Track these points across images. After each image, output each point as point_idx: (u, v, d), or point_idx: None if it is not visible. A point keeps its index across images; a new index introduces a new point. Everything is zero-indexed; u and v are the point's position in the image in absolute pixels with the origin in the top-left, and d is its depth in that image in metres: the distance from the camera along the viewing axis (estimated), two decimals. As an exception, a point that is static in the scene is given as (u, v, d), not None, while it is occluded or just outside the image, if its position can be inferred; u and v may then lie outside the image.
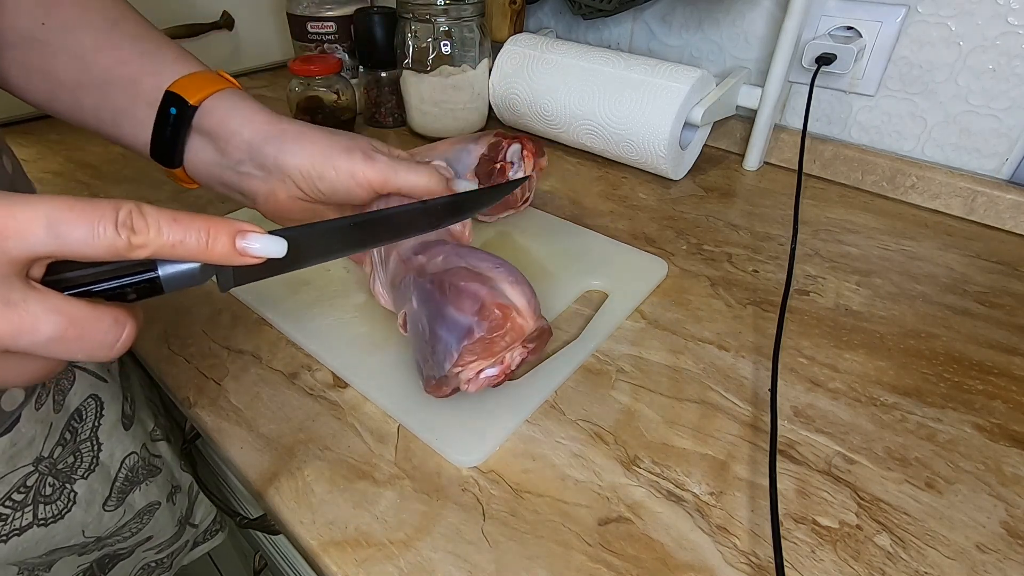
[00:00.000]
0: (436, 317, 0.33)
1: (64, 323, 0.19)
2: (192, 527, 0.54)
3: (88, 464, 0.43)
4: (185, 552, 0.55)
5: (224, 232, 0.21)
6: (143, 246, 0.19)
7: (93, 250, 0.19)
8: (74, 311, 0.19)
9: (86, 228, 0.18)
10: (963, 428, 0.36)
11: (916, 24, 0.56)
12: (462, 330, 0.32)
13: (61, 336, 0.19)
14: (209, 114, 0.35)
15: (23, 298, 0.18)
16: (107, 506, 0.44)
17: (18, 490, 0.37)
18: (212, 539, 0.57)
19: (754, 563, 0.29)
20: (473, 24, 0.68)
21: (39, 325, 0.18)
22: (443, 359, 0.33)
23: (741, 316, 0.45)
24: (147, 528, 0.48)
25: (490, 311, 0.32)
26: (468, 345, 0.32)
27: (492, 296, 0.32)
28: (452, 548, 0.30)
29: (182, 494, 0.52)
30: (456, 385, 0.34)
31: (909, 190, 0.60)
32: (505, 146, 0.50)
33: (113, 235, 0.19)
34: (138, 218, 0.19)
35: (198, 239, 0.20)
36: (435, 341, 0.33)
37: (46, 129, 0.77)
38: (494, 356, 0.34)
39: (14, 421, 0.36)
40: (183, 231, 0.20)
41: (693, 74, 0.58)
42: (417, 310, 0.35)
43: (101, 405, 0.44)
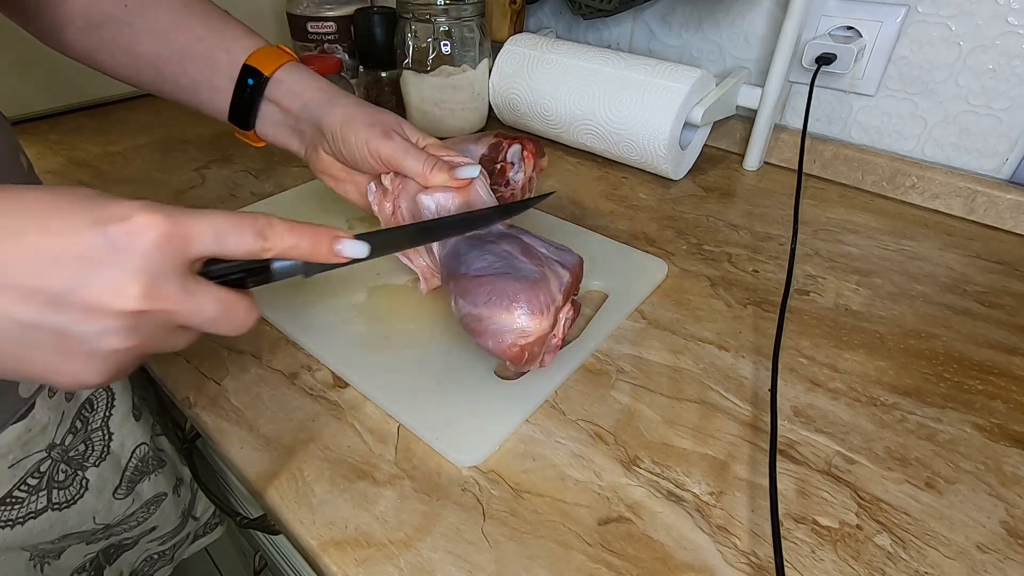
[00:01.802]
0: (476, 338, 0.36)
1: (221, 307, 0.24)
2: (194, 519, 0.55)
3: (100, 452, 0.44)
4: (186, 545, 0.56)
5: (324, 238, 0.27)
6: (270, 249, 0.25)
7: (239, 252, 0.24)
8: (226, 298, 0.24)
9: (238, 236, 0.24)
10: (963, 428, 0.36)
11: (916, 24, 0.56)
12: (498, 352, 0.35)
13: (218, 316, 0.24)
14: (279, 83, 0.42)
15: (196, 288, 0.23)
16: (117, 494, 0.45)
17: (32, 475, 0.39)
18: (211, 533, 0.58)
19: (754, 563, 0.29)
20: (473, 24, 0.68)
21: (206, 308, 0.24)
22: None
23: (741, 316, 0.45)
24: (153, 518, 0.50)
25: (509, 353, 0.34)
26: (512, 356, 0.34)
27: (500, 343, 0.34)
28: (452, 548, 0.30)
29: (185, 487, 0.54)
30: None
31: (909, 190, 0.60)
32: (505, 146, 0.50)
33: (252, 241, 0.24)
34: (269, 228, 0.25)
35: (308, 244, 0.26)
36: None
37: (46, 129, 0.77)
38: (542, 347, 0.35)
39: (29, 408, 0.38)
40: (297, 238, 0.26)
41: (693, 74, 0.58)
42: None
43: (112, 395, 0.45)
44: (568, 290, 0.36)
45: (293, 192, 0.60)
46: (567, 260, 0.38)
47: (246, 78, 0.41)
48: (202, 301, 0.24)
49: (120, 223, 0.21)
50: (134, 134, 0.76)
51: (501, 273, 0.35)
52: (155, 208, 0.22)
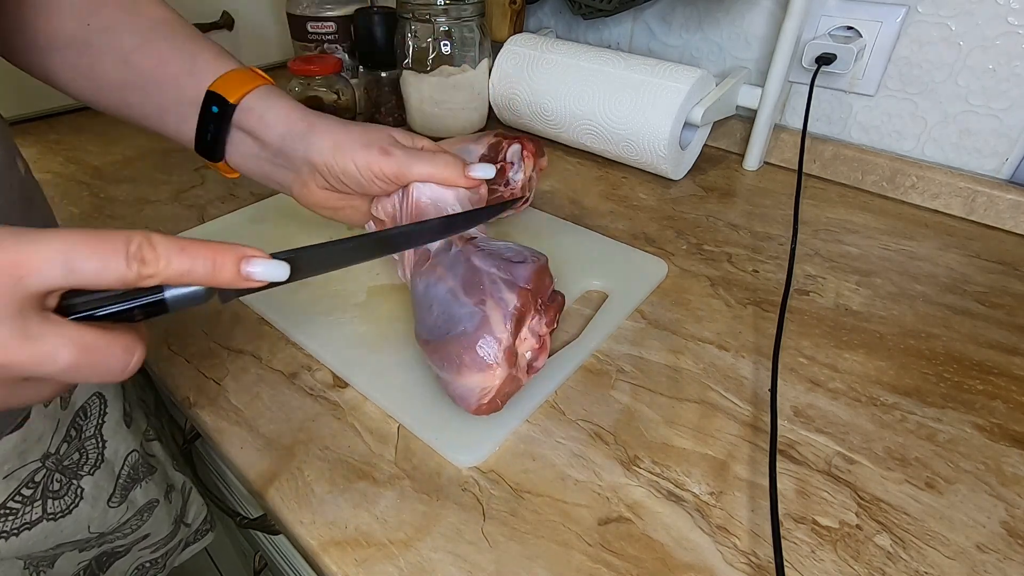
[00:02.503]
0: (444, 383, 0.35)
1: (78, 353, 0.19)
2: (186, 526, 0.55)
3: (94, 461, 0.43)
4: (177, 553, 0.55)
5: (229, 259, 0.22)
6: (152, 276, 0.20)
7: (104, 281, 0.20)
8: (88, 340, 0.20)
9: (99, 262, 0.19)
10: (963, 428, 0.36)
11: (916, 24, 0.56)
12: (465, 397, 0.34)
13: (76, 364, 0.20)
14: (248, 111, 0.38)
15: (40, 331, 0.19)
16: (111, 502, 0.45)
17: (27, 485, 0.38)
18: (203, 539, 0.58)
19: (754, 563, 0.29)
20: (473, 24, 0.68)
21: (57, 356, 0.19)
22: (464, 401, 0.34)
23: (741, 316, 0.45)
24: (146, 525, 0.49)
25: (482, 410, 0.34)
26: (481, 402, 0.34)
27: (470, 405, 0.34)
28: (452, 548, 0.30)
29: (176, 493, 0.53)
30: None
31: (909, 190, 0.60)
32: (505, 146, 0.50)
33: (124, 268, 0.19)
34: (148, 250, 0.20)
35: (204, 267, 0.21)
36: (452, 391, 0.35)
37: (46, 129, 0.77)
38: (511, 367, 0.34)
39: (25, 417, 0.37)
40: (190, 261, 0.21)
41: (693, 74, 0.58)
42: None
43: (105, 403, 0.44)
44: (519, 314, 0.33)
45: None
46: (518, 275, 0.34)
47: (210, 105, 0.37)
48: (50, 347, 0.19)
49: None
50: (134, 134, 0.75)
51: (443, 334, 0.34)
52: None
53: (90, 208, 0.59)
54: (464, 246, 0.36)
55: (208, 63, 0.38)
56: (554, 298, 0.37)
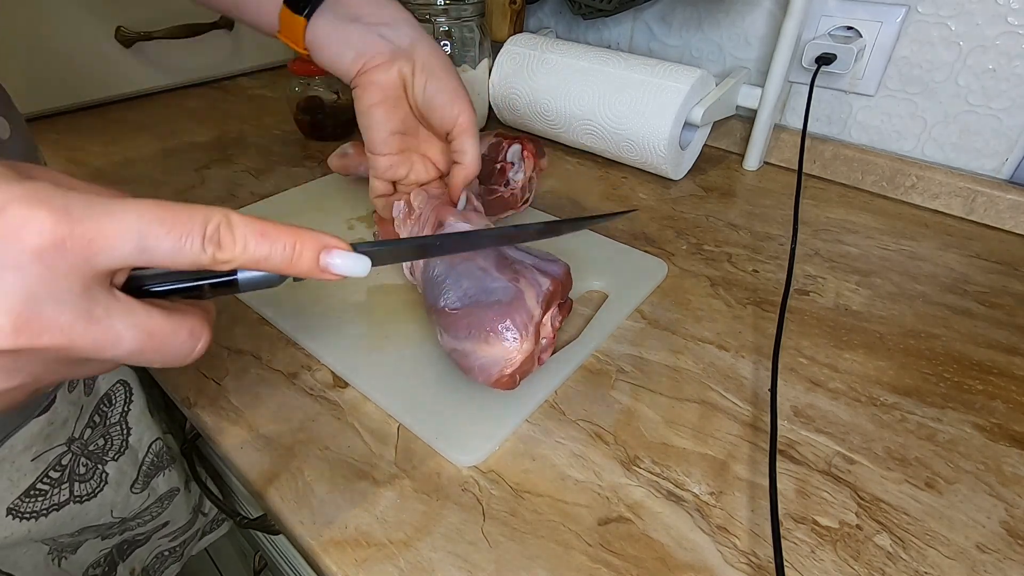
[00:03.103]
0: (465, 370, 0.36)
1: (143, 338, 0.18)
2: (203, 515, 0.56)
3: (118, 447, 0.44)
4: (195, 542, 0.56)
5: (310, 247, 0.20)
6: (227, 262, 0.19)
7: (178, 264, 0.18)
8: (154, 325, 0.18)
9: (174, 242, 0.18)
10: (963, 428, 0.36)
11: (916, 24, 0.56)
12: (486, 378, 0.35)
13: (140, 350, 0.18)
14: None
15: (106, 312, 0.17)
16: (134, 488, 0.46)
17: (54, 468, 0.40)
18: (218, 528, 0.59)
19: (754, 563, 0.29)
20: (473, 24, 0.68)
21: (121, 341, 0.18)
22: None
23: (741, 316, 0.45)
24: (166, 513, 0.50)
25: (500, 383, 0.34)
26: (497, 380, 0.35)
27: (489, 376, 0.34)
28: (452, 548, 0.30)
29: (194, 483, 0.54)
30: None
31: (909, 190, 0.60)
32: (505, 146, 0.50)
33: (199, 251, 0.18)
34: (226, 233, 0.19)
35: (283, 256, 0.20)
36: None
37: (46, 129, 0.77)
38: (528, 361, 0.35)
39: (51, 402, 0.38)
40: (269, 247, 0.20)
41: (693, 74, 0.58)
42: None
43: (130, 391, 0.46)
44: (550, 297, 0.35)
45: (293, 192, 0.60)
46: (550, 269, 0.37)
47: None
48: (115, 331, 0.17)
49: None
50: (134, 134, 0.75)
51: (475, 302, 0.34)
52: (42, 200, 0.16)
53: (90, 208, 0.59)
54: None
55: None
56: (568, 302, 0.39)
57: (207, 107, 0.85)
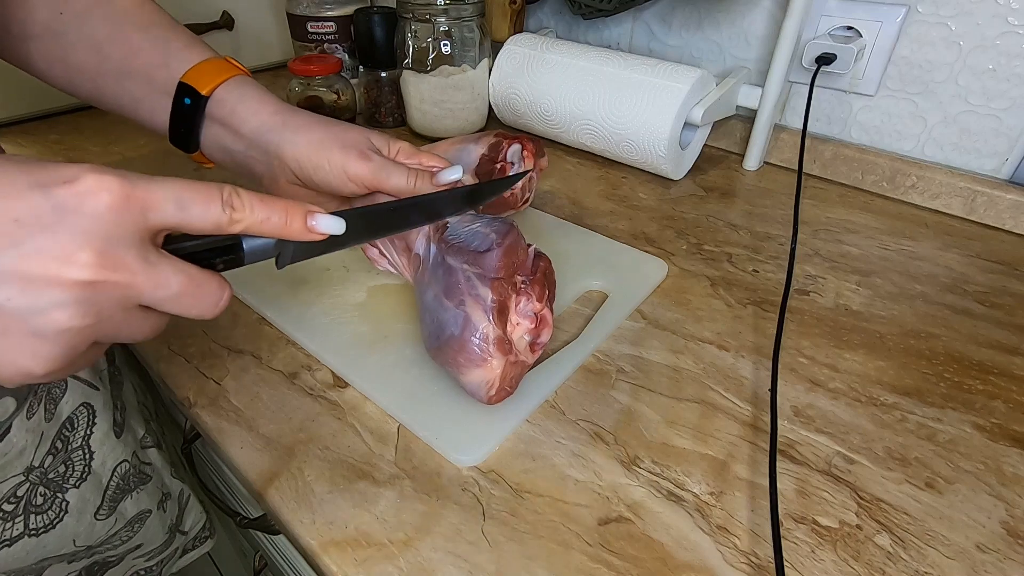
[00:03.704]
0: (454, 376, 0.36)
1: (186, 281, 0.22)
2: (182, 534, 0.54)
3: (80, 473, 0.42)
4: (174, 560, 0.54)
5: (298, 213, 0.25)
6: (239, 222, 0.23)
7: (204, 223, 0.22)
8: (193, 272, 0.22)
9: (202, 205, 0.22)
10: (963, 428, 0.36)
11: (916, 24, 0.56)
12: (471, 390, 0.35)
13: (183, 292, 0.22)
14: (221, 103, 0.37)
15: (158, 259, 0.21)
16: (99, 515, 0.44)
17: (8, 500, 0.37)
18: (201, 546, 0.57)
19: (754, 563, 0.29)
20: (473, 24, 0.68)
21: (170, 282, 0.22)
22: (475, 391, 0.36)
23: (741, 316, 0.45)
24: (137, 536, 0.48)
25: (494, 401, 0.35)
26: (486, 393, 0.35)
27: (482, 398, 0.35)
28: (452, 548, 0.30)
29: (172, 501, 0.52)
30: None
31: (909, 190, 0.60)
32: (505, 146, 0.50)
33: (219, 212, 0.22)
34: (236, 198, 0.23)
35: (279, 217, 0.24)
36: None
37: (45, 129, 0.77)
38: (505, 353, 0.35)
39: (4, 431, 0.36)
40: (268, 210, 0.24)
41: (693, 74, 0.58)
42: None
43: (93, 413, 0.43)
44: (501, 299, 0.34)
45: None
46: (488, 265, 0.34)
47: (182, 96, 0.37)
48: (166, 274, 0.21)
49: (67, 184, 0.19)
50: (134, 134, 0.75)
51: (439, 340, 0.35)
52: (107, 171, 0.20)
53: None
54: (438, 243, 0.37)
55: (180, 52, 0.38)
56: (536, 267, 0.36)
57: (207, 107, 0.85)
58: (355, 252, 0.50)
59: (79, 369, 0.23)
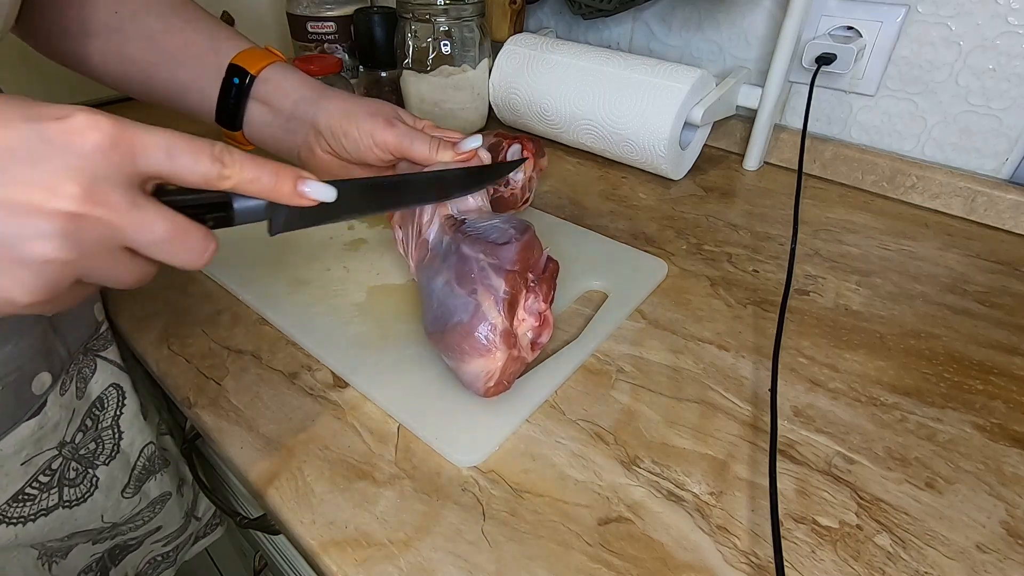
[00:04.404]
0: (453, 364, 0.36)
1: (171, 227, 0.22)
2: (196, 520, 0.56)
3: (109, 451, 0.44)
4: (188, 546, 0.56)
5: (289, 176, 0.25)
6: (228, 178, 0.24)
7: (192, 176, 0.23)
8: (179, 220, 0.23)
9: (191, 156, 0.22)
10: (963, 428, 0.36)
11: (916, 24, 0.56)
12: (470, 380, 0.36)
13: (169, 237, 0.22)
14: (265, 82, 0.41)
15: (144, 203, 0.22)
16: (125, 493, 0.46)
17: (44, 472, 0.39)
18: (212, 533, 0.58)
19: (754, 563, 0.29)
20: (473, 24, 0.68)
21: (155, 225, 0.22)
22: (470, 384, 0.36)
23: (741, 316, 0.45)
24: (158, 518, 0.50)
25: (491, 393, 0.35)
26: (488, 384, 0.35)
27: (479, 390, 0.35)
28: (452, 548, 0.30)
29: (187, 487, 0.54)
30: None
31: (909, 190, 0.60)
32: (505, 146, 0.50)
33: (209, 165, 0.23)
34: (227, 154, 0.24)
35: (269, 178, 0.25)
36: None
37: (46, 129, 0.77)
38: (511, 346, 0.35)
39: (41, 405, 0.38)
40: (259, 170, 0.24)
41: (693, 74, 0.58)
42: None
43: (123, 394, 0.45)
44: (512, 300, 0.34)
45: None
46: (505, 257, 0.34)
47: (232, 77, 0.41)
48: (151, 217, 0.22)
49: (58, 121, 0.20)
50: (134, 134, 0.75)
51: (445, 324, 0.35)
52: (99, 112, 0.21)
53: (90, 208, 0.59)
54: (454, 234, 0.37)
55: (227, 41, 0.42)
56: (546, 267, 0.37)
57: (207, 107, 0.85)
58: (356, 252, 0.50)
59: (64, 307, 0.23)
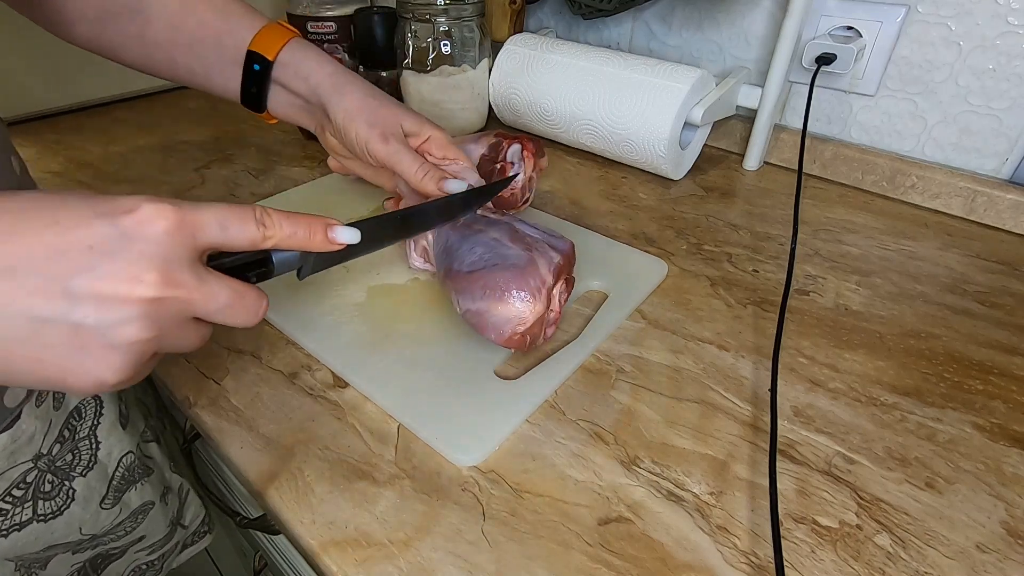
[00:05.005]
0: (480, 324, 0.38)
1: (232, 294, 0.25)
2: (182, 528, 0.54)
3: (87, 462, 0.43)
4: (175, 555, 0.55)
5: (319, 227, 0.28)
6: (271, 238, 0.26)
7: (241, 241, 0.25)
8: (236, 286, 0.25)
9: (240, 224, 0.25)
10: (963, 428, 0.36)
11: (916, 24, 0.56)
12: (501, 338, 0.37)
13: (231, 303, 0.25)
14: (284, 66, 0.43)
15: (207, 276, 0.24)
16: (104, 504, 0.44)
17: (18, 486, 0.38)
18: (200, 541, 0.57)
19: (754, 563, 0.29)
20: (473, 24, 0.68)
21: (220, 295, 0.24)
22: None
23: (741, 316, 0.45)
24: (140, 528, 0.49)
25: (512, 342, 0.36)
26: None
27: (501, 334, 0.36)
28: (452, 548, 0.30)
29: (173, 495, 0.52)
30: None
31: (909, 190, 0.60)
32: (505, 146, 0.50)
33: (255, 229, 0.26)
34: (267, 217, 0.26)
35: (304, 232, 0.28)
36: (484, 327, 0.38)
37: (45, 129, 0.77)
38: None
39: (15, 418, 0.37)
40: (294, 226, 0.27)
41: (693, 74, 0.58)
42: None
43: (101, 404, 0.44)
44: (559, 270, 0.38)
45: (292, 192, 0.60)
46: (558, 244, 0.40)
47: (251, 64, 0.43)
48: (215, 288, 0.24)
49: (129, 214, 0.22)
50: (134, 134, 0.76)
51: (491, 265, 0.37)
52: (160, 199, 0.23)
53: (90, 208, 0.59)
54: (503, 216, 0.42)
55: (241, 19, 0.43)
56: (571, 279, 0.41)
57: (207, 107, 0.85)
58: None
59: (141, 378, 0.25)
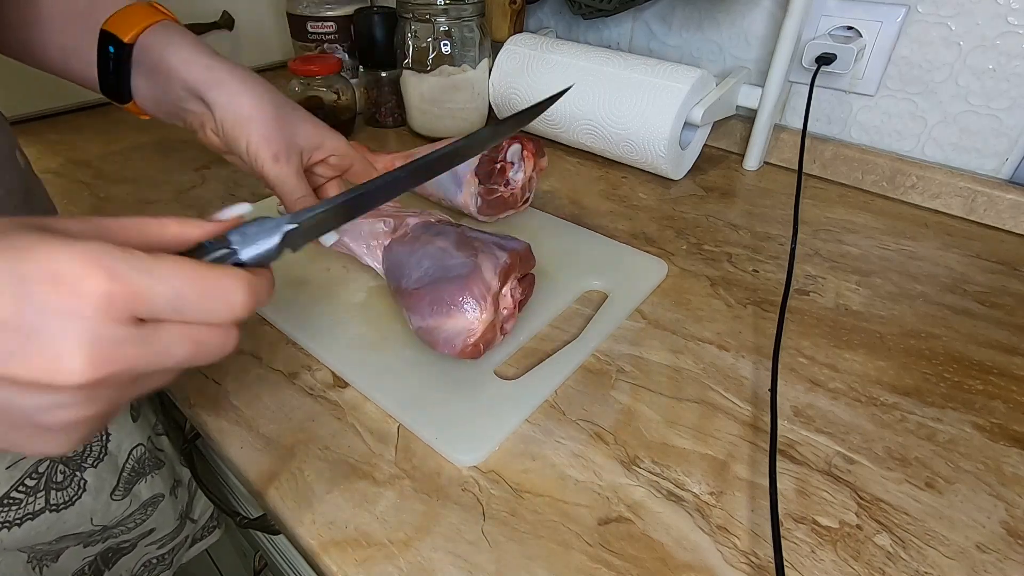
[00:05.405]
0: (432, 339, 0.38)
1: (190, 344, 0.21)
2: (191, 522, 0.55)
3: (97, 453, 0.43)
4: (184, 549, 0.55)
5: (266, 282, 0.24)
6: (256, 309, 0.23)
7: (203, 321, 0.22)
8: (194, 332, 0.22)
9: (211, 304, 0.21)
10: (963, 428, 0.36)
11: (916, 24, 0.56)
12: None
13: (192, 355, 0.22)
14: (147, 51, 0.35)
15: (155, 332, 0.20)
16: (115, 495, 0.45)
17: (30, 476, 0.39)
18: (209, 536, 0.58)
19: (754, 563, 0.29)
20: (473, 24, 0.68)
21: (175, 349, 0.21)
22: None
23: (741, 316, 0.45)
24: (151, 520, 0.49)
25: (466, 353, 0.36)
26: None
27: (454, 347, 0.36)
28: (452, 548, 0.30)
29: (182, 488, 0.53)
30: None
31: (909, 190, 0.60)
32: (505, 146, 0.50)
33: (226, 312, 0.22)
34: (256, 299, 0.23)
35: (269, 287, 0.24)
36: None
37: (46, 129, 0.77)
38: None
39: None
40: (270, 287, 0.24)
41: (693, 74, 0.58)
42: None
43: None
44: (507, 270, 0.38)
45: (293, 192, 0.60)
46: (507, 244, 0.39)
47: (105, 44, 0.35)
48: (166, 344, 0.20)
49: (49, 283, 0.17)
50: (134, 134, 0.75)
51: (436, 279, 0.37)
52: (97, 260, 0.18)
53: (90, 208, 0.59)
54: (455, 226, 0.41)
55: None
56: (529, 277, 0.41)
57: (207, 107, 0.85)
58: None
59: (105, 426, 0.22)
